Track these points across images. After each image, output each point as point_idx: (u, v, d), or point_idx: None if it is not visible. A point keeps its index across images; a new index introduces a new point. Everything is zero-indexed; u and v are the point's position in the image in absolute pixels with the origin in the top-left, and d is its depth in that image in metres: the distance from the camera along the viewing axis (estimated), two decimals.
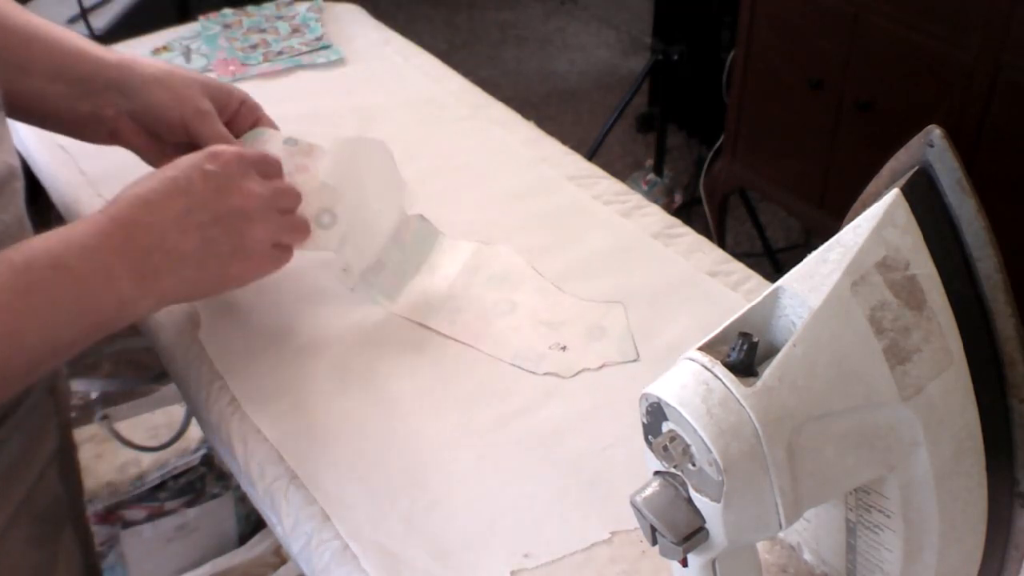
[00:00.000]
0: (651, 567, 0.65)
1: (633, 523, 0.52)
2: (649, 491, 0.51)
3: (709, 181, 2.32)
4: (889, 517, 0.54)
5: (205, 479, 1.37)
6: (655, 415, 0.50)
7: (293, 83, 1.18)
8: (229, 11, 1.28)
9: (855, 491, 0.55)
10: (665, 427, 0.50)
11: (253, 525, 1.42)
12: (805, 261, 0.52)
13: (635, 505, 0.51)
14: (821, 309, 0.50)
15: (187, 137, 0.86)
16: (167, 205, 0.72)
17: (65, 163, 1.03)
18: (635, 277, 0.88)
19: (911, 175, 0.52)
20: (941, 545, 0.54)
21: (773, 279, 0.55)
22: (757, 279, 0.88)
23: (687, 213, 2.48)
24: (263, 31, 1.25)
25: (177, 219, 0.72)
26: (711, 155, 2.41)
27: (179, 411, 1.32)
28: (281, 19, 1.28)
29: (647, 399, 0.50)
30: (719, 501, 0.48)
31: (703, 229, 2.24)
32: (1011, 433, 0.53)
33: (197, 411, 0.81)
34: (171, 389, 1.23)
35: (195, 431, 1.25)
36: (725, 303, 0.85)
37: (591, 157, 2.11)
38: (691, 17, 2.65)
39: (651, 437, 0.51)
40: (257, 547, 1.40)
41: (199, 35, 1.25)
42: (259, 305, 0.86)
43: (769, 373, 0.49)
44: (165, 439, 1.21)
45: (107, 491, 1.32)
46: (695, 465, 0.49)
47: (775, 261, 2.43)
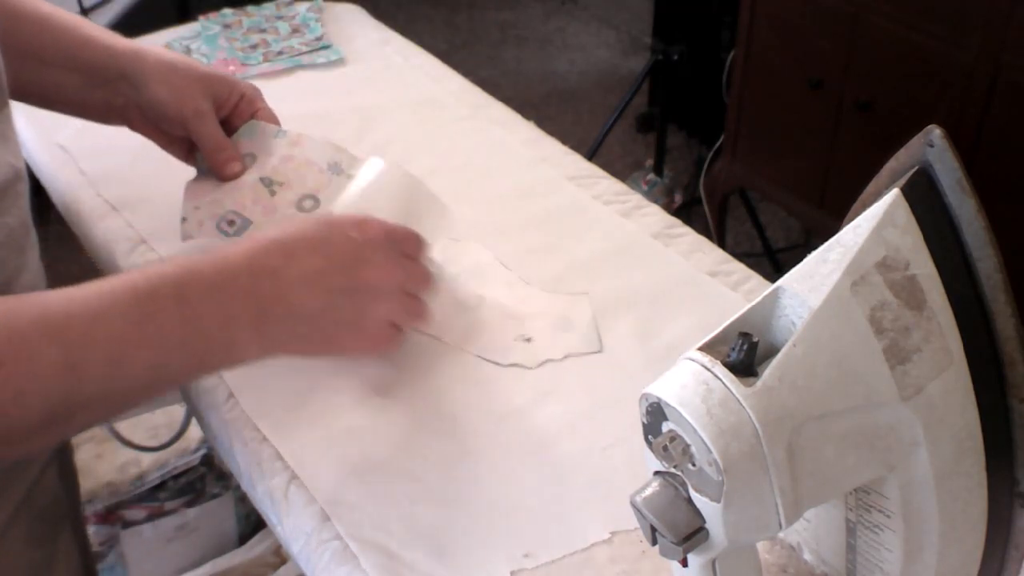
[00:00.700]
0: (651, 567, 0.65)
1: (633, 523, 0.52)
2: (649, 491, 0.51)
3: (709, 181, 2.32)
4: (889, 517, 0.54)
5: (205, 479, 1.37)
6: (655, 415, 0.50)
7: (293, 83, 1.18)
8: (229, 11, 1.28)
9: (855, 491, 0.55)
10: (665, 427, 0.50)
11: (253, 525, 1.42)
12: (805, 261, 0.52)
13: (635, 505, 0.51)
14: (821, 309, 0.50)
15: (186, 133, 0.89)
16: (304, 260, 0.70)
17: (65, 163, 1.03)
18: (635, 277, 0.89)
19: (911, 175, 0.52)
20: (941, 545, 0.54)
21: (773, 279, 0.55)
22: (757, 279, 0.88)
23: (687, 213, 2.48)
24: (263, 31, 1.25)
25: (308, 277, 0.70)
26: (711, 155, 2.41)
27: (179, 411, 1.32)
28: (281, 19, 1.28)
29: (647, 399, 0.50)
30: (719, 501, 0.48)
31: (703, 229, 2.24)
32: (1011, 433, 0.53)
33: (197, 411, 0.81)
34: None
35: (195, 431, 1.25)
36: (725, 303, 0.85)
37: (591, 157, 2.11)
38: (691, 17, 2.65)
39: (651, 437, 0.51)
40: (257, 547, 1.40)
41: (199, 35, 1.25)
42: None
43: (769, 373, 0.49)
44: (165, 439, 1.21)
45: (107, 491, 1.32)
46: (695, 465, 0.49)
47: (775, 261, 2.43)
